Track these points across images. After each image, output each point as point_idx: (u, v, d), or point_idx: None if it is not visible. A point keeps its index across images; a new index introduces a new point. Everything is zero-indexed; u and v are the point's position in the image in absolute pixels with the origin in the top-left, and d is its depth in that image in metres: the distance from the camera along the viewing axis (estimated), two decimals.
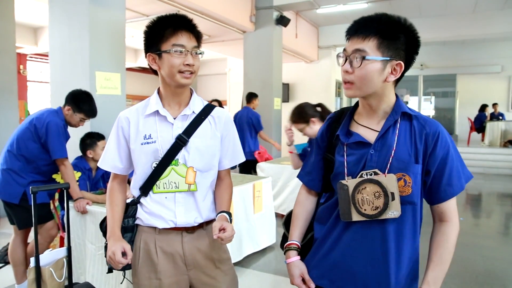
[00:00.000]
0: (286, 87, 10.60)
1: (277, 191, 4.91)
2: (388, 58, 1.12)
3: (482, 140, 10.85)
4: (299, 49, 9.34)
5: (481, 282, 3.21)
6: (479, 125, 11.07)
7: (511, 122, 10.52)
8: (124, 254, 1.31)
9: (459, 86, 13.42)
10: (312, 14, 9.05)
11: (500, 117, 11.17)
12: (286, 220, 1.49)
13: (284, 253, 1.35)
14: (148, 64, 1.42)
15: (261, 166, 5.12)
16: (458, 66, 12.88)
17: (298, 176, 1.44)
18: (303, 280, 1.29)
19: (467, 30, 8.99)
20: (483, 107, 11.20)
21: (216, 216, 1.45)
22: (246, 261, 3.52)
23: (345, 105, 12.60)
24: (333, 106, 11.09)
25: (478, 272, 3.39)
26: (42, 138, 2.65)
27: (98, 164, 1.50)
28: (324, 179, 1.33)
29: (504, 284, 3.23)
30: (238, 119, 5.86)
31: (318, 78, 10.85)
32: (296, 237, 1.35)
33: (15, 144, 2.68)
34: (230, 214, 1.46)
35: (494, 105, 11.33)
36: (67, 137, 2.77)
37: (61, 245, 3.02)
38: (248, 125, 5.80)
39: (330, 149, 1.29)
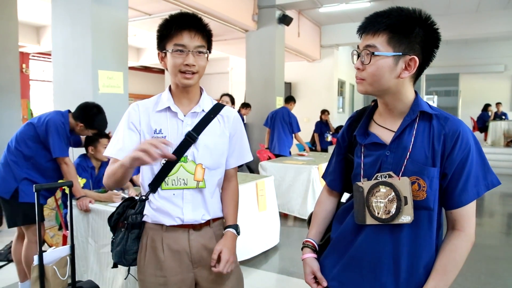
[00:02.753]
0: (288, 86, 10.60)
1: (279, 190, 4.90)
2: (400, 53, 1.07)
3: (485, 139, 10.81)
4: (302, 48, 9.33)
5: (483, 282, 3.20)
6: (482, 124, 11.03)
7: None
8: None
9: (462, 86, 13.38)
10: (314, 13, 9.04)
11: (503, 117, 11.11)
12: (309, 219, 1.47)
13: (302, 250, 1.35)
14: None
15: (263, 165, 5.12)
16: (461, 65, 12.84)
17: (322, 176, 1.43)
18: (316, 278, 1.27)
19: (470, 29, 8.96)
20: (486, 107, 11.15)
21: (224, 229, 1.48)
22: (250, 260, 3.52)
23: (347, 104, 12.59)
24: (335, 105, 11.08)
25: (480, 271, 3.38)
26: (41, 135, 2.64)
27: (106, 152, 1.41)
28: (346, 180, 1.31)
29: (507, 284, 3.22)
30: (275, 117, 6.41)
31: (321, 77, 10.84)
32: (312, 235, 1.34)
33: (14, 140, 2.70)
34: (237, 227, 1.49)
35: (498, 104, 11.28)
36: (67, 136, 2.74)
37: (64, 243, 3.03)
38: (284, 123, 6.33)
39: (351, 149, 1.26)
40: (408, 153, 1.10)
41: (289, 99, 6.60)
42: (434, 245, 1.13)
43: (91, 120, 2.78)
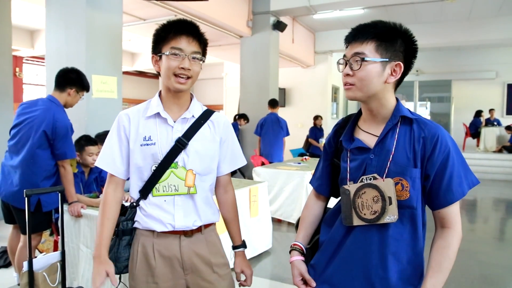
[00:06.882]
0: (282, 92, 10.64)
1: (273, 196, 4.90)
2: (387, 59, 1.15)
3: (477, 145, 10.90)
4: (296, 54, 9.38)
5: (476, 287, 3.22)
6: (474, 130, 11.13)
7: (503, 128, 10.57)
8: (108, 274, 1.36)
9: (454, 92, 13.50)
10: (308, 19, 9.10)
11: (495, 123, 11.21)
12: (297, 223, 1.51)
13: (290, 253, 1.38)
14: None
15: (257, 171, 5.11)
16: (453, 72, 12.96)
17: (310, 182, 1.48)
18: (304, 280, 1.30)
19: (462, 37, 9.07)
20: (479, 113, 11.26)
21: (233, 249, 1.56)
22: None
23: (341, 110, 12.66)
24: (329, 111, 11.12)
25: (473, 277, 3.40)
26: (51, 139, 2.62)
27: (96, 164, 1.46)
28: (333, 184, 1.36)
29: None
30: (265, 124, 6.39)
31: (315, 83, 10.89)
32: (300, 238, 1.38)
33: (27, 154, 2.63)
34: (244, 244, 1.59)
35: (491, 110, 11.37)
36: (73, 132, 2.75)
37: (55, 249, 3.00)
38: (277, 129, 6.34)
39: (337, 154, 1.32)
40: (391, 156, 1.16)
41: (276, 103, 6.58)
42: (419, 243, 1.18)
43: (82, 81, 2.82)
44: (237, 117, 7.52)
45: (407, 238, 1.16)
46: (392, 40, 1.16)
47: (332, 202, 1.41)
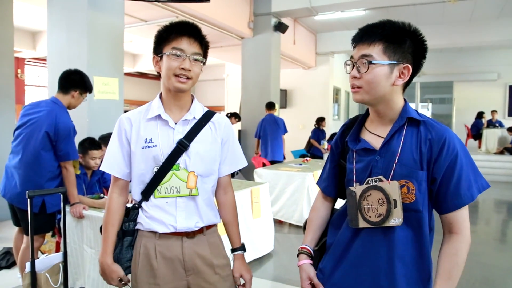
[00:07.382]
0: (284, 93, 10.64)
1: (274, 197, 4.90)
2: (395, 62, 1.13)
3: (479, 147, 10.88)
4: (297, 55, 9.38)
5: None
6: (475, 132, 11.10)
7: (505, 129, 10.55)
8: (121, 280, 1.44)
9: (456, 93, 13.48)
10: (310, 20, 9.10)
11: (497, 125, 11.17)
12: (304, 225, 1.49)
13: (297, 257, 1.37)
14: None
15: (258, 172, 5.11)
16: (455, 73, 12.95)
17: (317, 183, 1.46)
18: (312, 284, 1.29)
19: (463, 38, 9.07)
20: (480, 114, 11.23)
21: (231, 252, 1.55)
22: None
23: (342, 111, 12.65)
24: (330, 112, 11.12)
25: (475, 279, 3.38)
26: (54, 141, 2.63)
27: (102, 168, 1.47)
28: (340, 185, 1.34)
29: None
30: (264, 124, 6.57)
31: (316, 84, 10.89)
32: (308, 241, 1.37)
33: (31, 155, 2.63)
34: (244, 246, 1.57)
35: (493, 112, 11.33)
36: (75, 133, 2.77)
37: (57, 250, 3.00)
38: (274, 128, 6.51)
39: (344, 155, 1.30)
40: (397, 158, 1.14)
41: (273, 105, 6.72)
42: (426, 247, 1.16)
43: (85, 83, 2.84)
44: (228, 115, 7.57)
45: (413, 241, 1.14)
46: (401, 41, 1.13)
47: (339, 203, 1.40)
